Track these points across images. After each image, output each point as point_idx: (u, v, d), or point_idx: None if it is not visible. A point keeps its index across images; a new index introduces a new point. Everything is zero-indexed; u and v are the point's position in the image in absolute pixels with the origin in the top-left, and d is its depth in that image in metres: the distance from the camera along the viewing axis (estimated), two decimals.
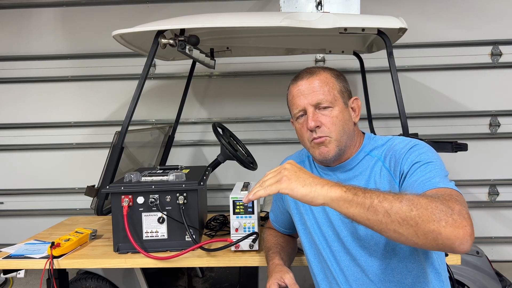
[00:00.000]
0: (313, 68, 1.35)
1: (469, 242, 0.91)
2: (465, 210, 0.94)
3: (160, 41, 1.92)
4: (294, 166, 1.05)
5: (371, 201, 0.94)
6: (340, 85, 1.31)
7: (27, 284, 3.27)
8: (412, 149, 1.20)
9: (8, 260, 1.69)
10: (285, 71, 3.36)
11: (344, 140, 1.28)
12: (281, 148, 3.41)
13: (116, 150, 1.95)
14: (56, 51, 3.45)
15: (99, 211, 1.96)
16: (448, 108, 3.34)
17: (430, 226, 0.90)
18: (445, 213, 0.90)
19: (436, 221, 0.90)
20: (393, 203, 0.93)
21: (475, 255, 2.20)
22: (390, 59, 1.95)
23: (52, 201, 3.54)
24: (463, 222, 0.91)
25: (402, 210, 0.92)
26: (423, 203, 0.92)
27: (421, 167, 1.13)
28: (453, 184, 1.08)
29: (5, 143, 3.52)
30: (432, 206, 0.91)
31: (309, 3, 2.46)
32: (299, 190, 0.99)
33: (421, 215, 0.90)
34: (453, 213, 0.91)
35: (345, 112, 1.30)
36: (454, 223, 0.90)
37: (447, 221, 0.90)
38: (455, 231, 0.90)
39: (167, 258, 1.63)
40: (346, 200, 0.96)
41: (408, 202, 0.93)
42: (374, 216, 0.94)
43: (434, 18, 3.29)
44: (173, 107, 2.98)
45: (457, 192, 1.04)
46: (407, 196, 0.95)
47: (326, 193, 0.97)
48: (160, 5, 3.39)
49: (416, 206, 0.92)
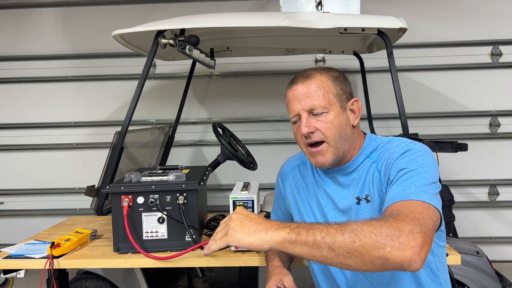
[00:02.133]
0: (309, 71, 1.31)
1: (418, 263, 0.90)
2: (417, 229, 0.92)
3: (160, 41, 1.92)
4: (240, 215, 1.06)
5: (314, 239, 0.95)
6: (337, 88, 1.27)
7: (27, 284, 3.27)
8: (404, 154, 1.18)
9: (8, 260, 1.69)
10: (285, 71, 3.36)
11: (341, 146, 1.27)
12: (281, 148, 3.41)
13: (116, 150, 1.95)
14: (56, 51, 3.45)
15: (99, 211, 1.96)
16: (448, 108, 3.34)
17: (375, 253, 0.90)
18: (390, 237, 0.90)
19: (381, 247, 0.90)
20: (335, 237, 0.94)
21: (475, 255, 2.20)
22: (390, 59, 1.95)
23: (52, 201, 3.54)
24: (411, 242, 0.90)
25: (344, 243, 0.92)
26: (367, 232, 0.92)
27: (404, 175, 1.12)
28: (429, 196, 1.05)
29: (5, 143, 3.52)
30: (376, 232, 0.91)
31: (309, 3, 2.46)
32: (245, 240, 1.01)
33: (364, 245, 0.91)
34: (400, 235, 0.90)
35: (341, 116, 1.26)
36: (400, 246, 0.89)
37: (392, 245, 0.89)
38: (401, 254, 0.89)
39: (167, 258, 1.63)
40: (290, 241, 0.98)
41: (351, 234, 0.93)
42: (318, 253, 0.95)
43: (434, 18, 3.29)
44: (173, 107, 2.98)
45: (425, 205, 1.02)
46: (351, 226, 0.95)
47: (270, 238, 1.00)
48: (160, 5, 3.39)
49: (358, 237, 0.92)
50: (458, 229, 2.76)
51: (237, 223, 1.04)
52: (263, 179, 3.25)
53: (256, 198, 1.68)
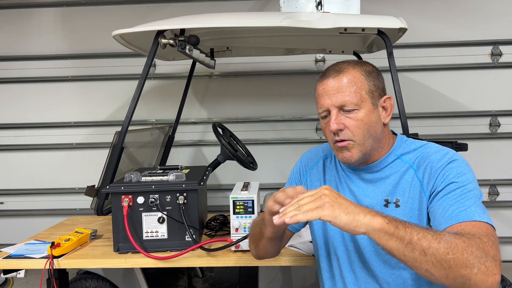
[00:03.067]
0: (341, 64, 1.24)
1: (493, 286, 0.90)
2: (499, 256, 0.92)
3: (160, 41, 1.92)
4: (333, 192, 1.01)
5: (411, 237, 0.93)
6: (370, 84, 1.21)
7: (27, 284, 3.27)
8: (450, 164, 1.14)
9: (8, 260, 1.69)
10: (285, 71, 3.36)
11: (368, 144, 1.22)
12: (281, 148, 3.41)
13: (116, 150, 1.95)
14: (56, 51, 3.45)
15: (99, 211, 1.96)
16: (448, 108, 3.34)
17: (462, 271, 0.89)
18: (479, 259, 0.89)
19: (469, 267, 0.89)
20: (431, 243, 0.92)
21: None
22: (390, 59, 1.95)
23: (52, 201, 3.54)
24: (494, 270, 0.89)
25: (438, 252, 0.91)
26: (460, 247, 0.91)
27: (456, 189, 1.09)
28: (488, 216, 1.04)
29: (5, 143, 3.52)
30: (468, 251, 0.90)
31: (309, 3, 2.46)
32: (342, 218, 0.95)
33: (456, 259, 0.90)
34: (487, 260, 0.90)
35: (372, 113, 1.21)
36: (486, 271, 0.89)
37: (479, 268, 0.89)
38: (484, 279, 0.89)
39: (167, 258, 1.63)
40: (387, 232, 0.95)
41: (446, 245, 0.91)
42: (410, 253, 0.93)
43: (434, 18, 3.29)
44: (173, 107, 2.98)
45: (492, 229, 1.01)
46: (446, 237, 0.93)
47: (368, 222, 0.95)
48: (160, 5, 3.38)
49: (453, 250, 0.91)
50: None
51: (333, 199, 0.98)
52: (263, 179, 3.25)
53: (256, 198, 1.68)
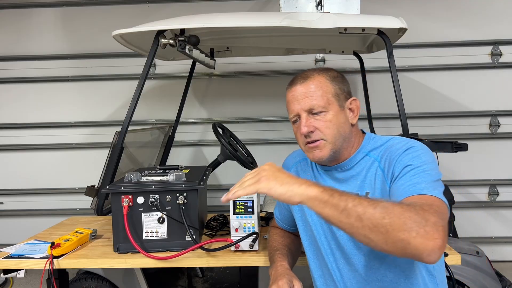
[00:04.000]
0: (308, 72, 1.34)
1: (437, 254, 0.91)
2: (440, 222, 0.93)
3: (160, 41, 1.92)
4: (272, 166, 1.09)
5: (346, 204, 0.97)
6: (335, 88, 1.30)
7: (27, 284, 3.27)
8: (407, 151, 1.19)
9: (8, 260, 1.69)
10: (285, 71, 3.36)
11: (339, 143, 1.29)
12: (281, 148, 3.41)
13: (116, 150, 1.95)
14: (56, 51, 3.45)
15: (99, 211, 1.96)
16: (448, 108, 3.34)
17: (400, 235, 0.91)
18: (417, 223, 0.91)
19: (407, 231, 0.91)
20: (366, 209, 0.95)
21: (475, 255, 2.20)
22: (390, 59, 1.95)
23: (52, 201, 3.54)
24: (435, 234, 0.91)
25: (374, 216, 0.94)
26: (397, 212, 0.93)
27: (411, 171, 1.13)
28: (439, 192, 1.07)
29: (5, 143, 3.52)
30: (405, 215, 0.92)
31: (309, 3, 2.46)
32: (277, 189, 1.02)
33: (392, 223, 0.92)
34: (427, 225, 0.91)
35: (340, 115, 1.29)
36: (425, 235, 0.90)
37: (418, 232, 0.90)
38: (424, 243, 0.90)
39: (167, 258, 1.63)
40: (321, 200, 0.99)
41: (382, 210, 0.94)
42: (346, 219, 0.96)
43: (434, 18, 3.29)
44: (173, 107, 2.98)
45: (440, 201, 1.03)
46: (383, 203, 0.96)
47: (303, 191, 1.00)
48: (160, 5, 3.39)
49: (389, 214, 0.93)
50: (458, 229, 2.76)
51: (270, 173, 1.05)
52: None
53: (256, 198, 1.68)
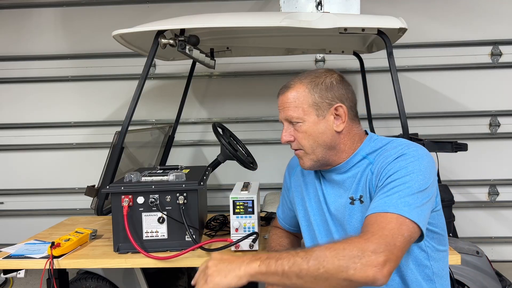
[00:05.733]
0: (292, 80, 1.33)
1: (381, 280, 0.95)
2: (382, 247, 0.97)
3: (160, 41, 1.92)
4: (214, 260, 1.10)
5: (282, 269, 1.01)
6: (314, 97, 1.27)
7: (27, 284, 3.27)
8: (397, 159, 1.17)
9: (8, 260, 1.69)
10: (285, 71, 3.36)
11: (319, 152, 1.29)
12: (281, 148, 3.41)
13: (116, 150, 1.95)
14: (56, 51, 3.45)
15: (99, 211, 1.96)
16: (448, 108, 3.34)
17: (340, 276, 0.96)
18: (353, 260, 0.96)
19: (344, 271, 0.95)
20: (301, 266, 0.99)
21: (475, 255, 2.20)
22: (390, 59, 1.95)
23: (52, 201, 3.54)
24: (373, 262, 0.95)
25: (310, 271, 0.98)
26: (329, 257, 0.97)
27: (391, 183, 1.13)
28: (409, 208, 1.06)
29: (5, 143, 3.52)
30: (338, 257, 0.97)
31: (309, 3, 2.46)
32: (224, 282, 1.05)
33: (328, 271, 0.96)
34: (363, 256, 0.96)
35: (318, 124, 1.27)
36: (362, 268, 0.95)
37: (355, 268, 0.95)
38: (364, 275, 0.95)
39: (167, 258, 1.63)
40: (261, 273, 1.03)
41: (315, 261, 0.98)
42: (289, 281, 1.01)
43: (434, 18, 3.29)
44: (173, 107, 2.98)
45: (399, 220, 1.04)
46: (315, 253, 1.00)
47: (244, 273, 1.04)
48: (160, 5, 3.39)
49: (322, 263, 0.97)
50: (458, 229, 2.76)
51: (213, 269, 1.08)
52: (263, 179, 3.25)
53: (256, 198, 1.68)
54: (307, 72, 1.36)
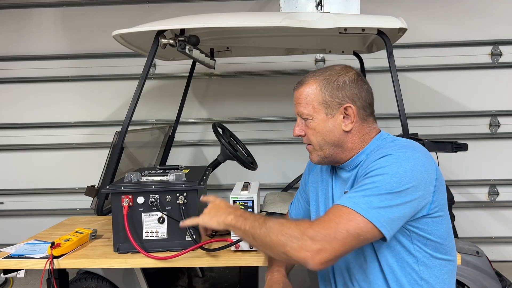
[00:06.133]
0: (306, 76, 1.35)
1: (311, 264, 1.06)
2: (320, 236, 1.06)
3: (160, 41, 1.92)
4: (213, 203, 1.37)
5: (245, 227, 1.20)
6: (325, 95, 1.28)
7: (27, 284, 3.27)
8: (379, 159, 1.18)
9: (8, 260, 1.69)
10: (285, 71, 3.36)
11: (326, 149, 1.32)
12: (281, 148, 3.41)
13: (116, 150, 1.95)
14: (56, 51, 3.45)
15: (99, 211, 1.96)
16: (448, 108, 3.34)
17: (279, 249, 1.11)
18: (292, 239, 1.08)
19: (282, 246, 1.10)
20: (256, 230, 1.17)
21: (475, 255, 2.20)
22: (390, 59, 1.95)
23: (52, 201, 3.54)
24: (308, 247, 1.06)
25: (260, 237, 1.15)
26: (276, 230, 1.12)
27: (363, 181, 1.16)
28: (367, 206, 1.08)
29: (5, 143, 3.52)
30: (282, 232, 1.11)
31: (309, 3, 2.46)
32: (207, 221, 1.32)
33: (272, 242, 1.12)
34: (301, 239, 1.07)
35: (327, 122, 1.29)
36: (297, 248, 1.07)
37: (291, 246, 1.08)
38: (297, 255, 1.07)
39: (167, 258, 1.63)
40: (231, 226, 1.26)
41: (265, 230, 1.14)
42: (247, 239, 1.23)
43: (434, 18, 3.29)
44: (173, 107, 2.98)
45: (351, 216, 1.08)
46: (268, 224, 1.15)
47: (222, 222, 1.28)
48: (160, 5, 3.39)
49: (269, 234, 1.13)
50: (458, 229, 2.76)
51: (208, 210, 1.35)
52: (263, 179, 3.25)
53: (256, 198, 1.68)
54: (324, 67, 1.37)
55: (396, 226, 1.12)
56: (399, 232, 1.16)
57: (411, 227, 1.18)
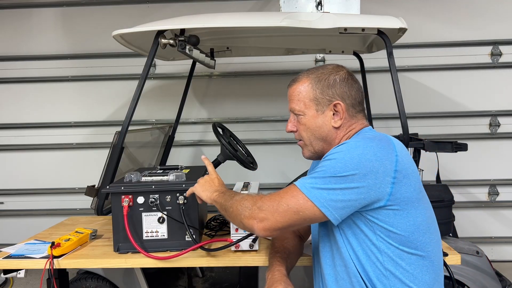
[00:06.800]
0: (300, 74, 1.41)
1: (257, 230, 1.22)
2: (264, 206, 1.21)
3: (160, 41, 1.92)
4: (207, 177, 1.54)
5: (221, 202, 1.38)
6: (316, 92, 1.34)
7: (27, 284, 3.27)
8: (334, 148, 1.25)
9: (8, 260, 1.69)
10: (285, 71, 3.36)
11: (316, 144, 1.39)
12: (281, 148, 3.41)
13: (116, 150, 1.95)
14: (56, 51, 3.45)
15: (99, 211, 1.96)
16: (448, 108, 3.34)
17: (238, 218, 1.28)
18: (245, 208, 1.25)
19: (239, 215, 1.27)
20: (226, 203, 1.34)
21: (475, 255, 2.20)
22: (390, 59, 1.95)
23: (52, 201, 3.54)
24: (255, 215, 1.22)
25: (227, 208, 1.33)
26: (237, 202, 1.29)
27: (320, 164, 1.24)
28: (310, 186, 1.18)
29: (5, 143, 3.52)
30: (240, 204, 1.28)
31: (309, 3, 2.46)
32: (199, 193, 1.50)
33: (233, 211, 1.29)
34: (252, 209, 1.23)
35: (317, 118, 1.35)
36: (248, 215, 1.24)
37: (244, 214, 1.25)
38: (247, 222, 1.24)
39: (167, 258, 1.63)
40: (214, 201, 1.42)
41: (231, 202, 1.32)
42: (223, 212, 1.37)
43: (434, 18, 3.29)
44: (173, 107, 2.98)
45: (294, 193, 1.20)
46: (236, 197, 1.32)
47: (210, 196, 1.45)
48: (160, 5, 3.39)
49: (232, 205, 1.30)
50: (458, 229, 2.76)
51: (203, 181, 1.52)
52: (263, 179, 3.25)
53: None
54: (317, 66, 1.44)
55: (342, 211, 1.17)
56: (360, 220, 1.21)
57: (371, 217, 1.19)
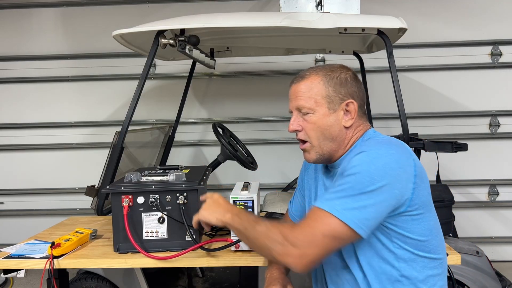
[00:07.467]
0: (307, 70, 1.35)
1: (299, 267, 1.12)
2: (300, 240, 1.11)
3: (160, 41, 1.92)
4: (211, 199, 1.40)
5: (239, 228, 1.27)
6: (328, 90, 1.29)
7: (27, 284, 3.27)
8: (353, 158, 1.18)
9: (8, 260, 1.69)
10: (285, 71, 3.36)
11: (325, 146, 1.31)
12: (281, 148, 3.41)
13: (116, 150, 1.95)
14: (56, 51, 3.45)
15: (99, 211, 1.96)
16: (448, 108, 3.34)
17: (266, 252, 1.19)
18: (276, 244, 1.14)
19: (268, 249, 1.17)
20: (247, 233, 1.24)
21: (475, 255, 2.20)
22: (390, 59, 1.95)
23: (52, 201, 3.54)
24: (290, 252, 1.11)
25: (250, 239, 1.24)
26: (263, 235, 1.18)
27: (338, 181, 1.17)
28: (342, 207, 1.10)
29: (5, 143, 3.52)
30: (267, 237, 1.17)
31: (309, 3, 2.46)
32: (206, 217, 1.36)
33: (260, 245, 1.20)
34: (283, 244, 1.13)
35: (328, 117, 1.29)
36: (281, 253, 1.13)
37: (276, 251, 1.14)
38: (283, 260, 1.14)
39: (167, 258, 1.63)
40: (228, 224, 1.31)
41: (255, 234, 1.21)
42: (242, 238, 1.32)
43: (434, 18, 3.29)
44: (173, 107, 2.98)
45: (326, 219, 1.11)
46: (257, 227, 1.21)
47: (221, 219, 1.32)
48: (160, 5, 3.39)
49: (258, 238, 1.20)
50: (458, 229, 2.76)
51: (207, 205, 1.39)
52: (263, 179, 3.26)
53: (256, 198, 1.67)
54: (322, 65, 1.39)
55: (373, 225, 1.13)
56: (377, 230, 1.17)
57: (389, 224, 1.17)
